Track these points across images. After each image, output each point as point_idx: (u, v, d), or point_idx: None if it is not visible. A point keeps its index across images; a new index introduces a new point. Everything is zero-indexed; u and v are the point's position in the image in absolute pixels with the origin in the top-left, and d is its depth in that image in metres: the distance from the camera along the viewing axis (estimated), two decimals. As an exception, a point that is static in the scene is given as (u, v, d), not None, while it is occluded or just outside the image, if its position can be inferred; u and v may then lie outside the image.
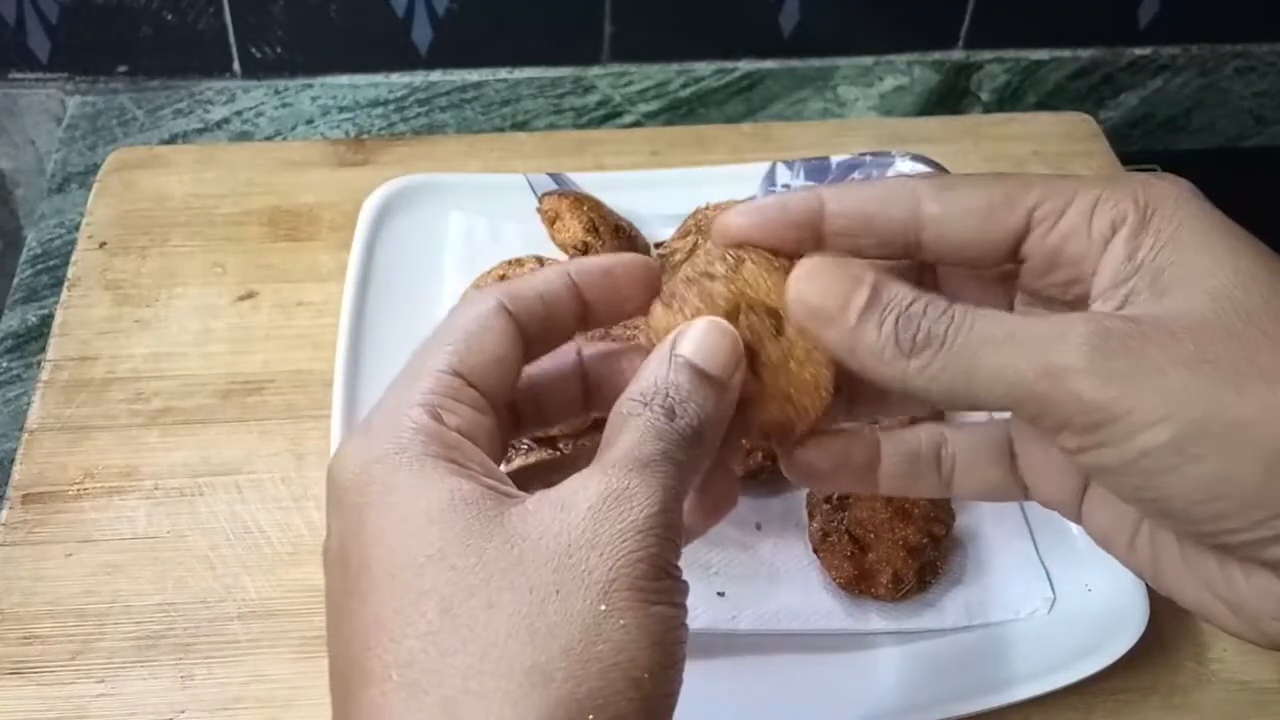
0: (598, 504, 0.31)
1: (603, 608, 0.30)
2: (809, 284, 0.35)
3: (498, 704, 0.29)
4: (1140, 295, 0.33)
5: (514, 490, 0.33)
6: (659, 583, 0.31)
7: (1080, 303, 0.36)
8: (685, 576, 0.37)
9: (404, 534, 0.31)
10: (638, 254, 0.39)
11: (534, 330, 0.37)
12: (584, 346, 0.40)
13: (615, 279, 0.38)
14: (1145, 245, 0.34)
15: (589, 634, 0.30)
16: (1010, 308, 0.39)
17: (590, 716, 0.29)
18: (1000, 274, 0.38)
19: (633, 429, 0.33)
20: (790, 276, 0.35)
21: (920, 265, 0.39)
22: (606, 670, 0.30)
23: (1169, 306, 0.33)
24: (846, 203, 0.37)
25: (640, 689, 0.30)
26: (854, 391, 0.40)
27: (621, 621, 0.30)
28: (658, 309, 0.37)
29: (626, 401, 0.34)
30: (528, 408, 0.39)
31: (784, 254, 0.36)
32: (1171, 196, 0.34)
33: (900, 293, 0.34)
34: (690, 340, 0.35)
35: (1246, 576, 0.34)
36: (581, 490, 0.32)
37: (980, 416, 0.43)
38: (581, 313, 0.38)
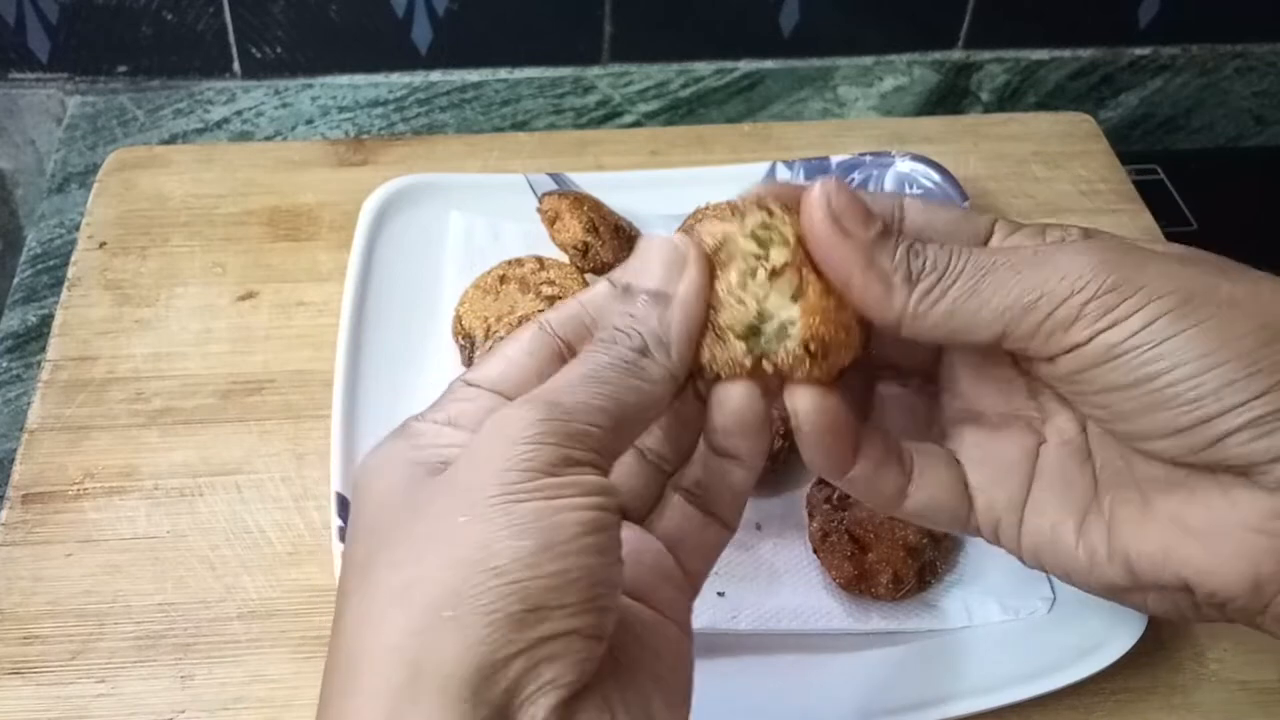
0: (482, 433, 0.33)
1: (461, 519, 0.31)
2: (837, 194, 0.36)
3: (369, 629, 0.31)
4: None
5: None
6: (531, 482, 0.31)
7: None
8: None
9: (358, 521, 0.34)
10: (665, 236, 0.39)
11: (580, 334, 0.37)
12: None
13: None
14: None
15: (449, 543, 0.31)
16: None
17: (447, 613, 0.30)
18: None
19: (575, 365, 0.35)
20: (810, 191, 0.36)
21: None
22: (461, 568, 0.30)
23: None
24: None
25: (502, 576, 0.30)
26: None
27: (480, 524, 0.31)
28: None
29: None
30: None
31: None
32: (1110, 232, 0.39)
33: (904, 233, 0.37)
34: (625, 265, 0.37)
35: (1224, 492, 0.35)
36: (485, 422, 0.33)
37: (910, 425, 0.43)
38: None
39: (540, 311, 0.61)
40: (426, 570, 0.31)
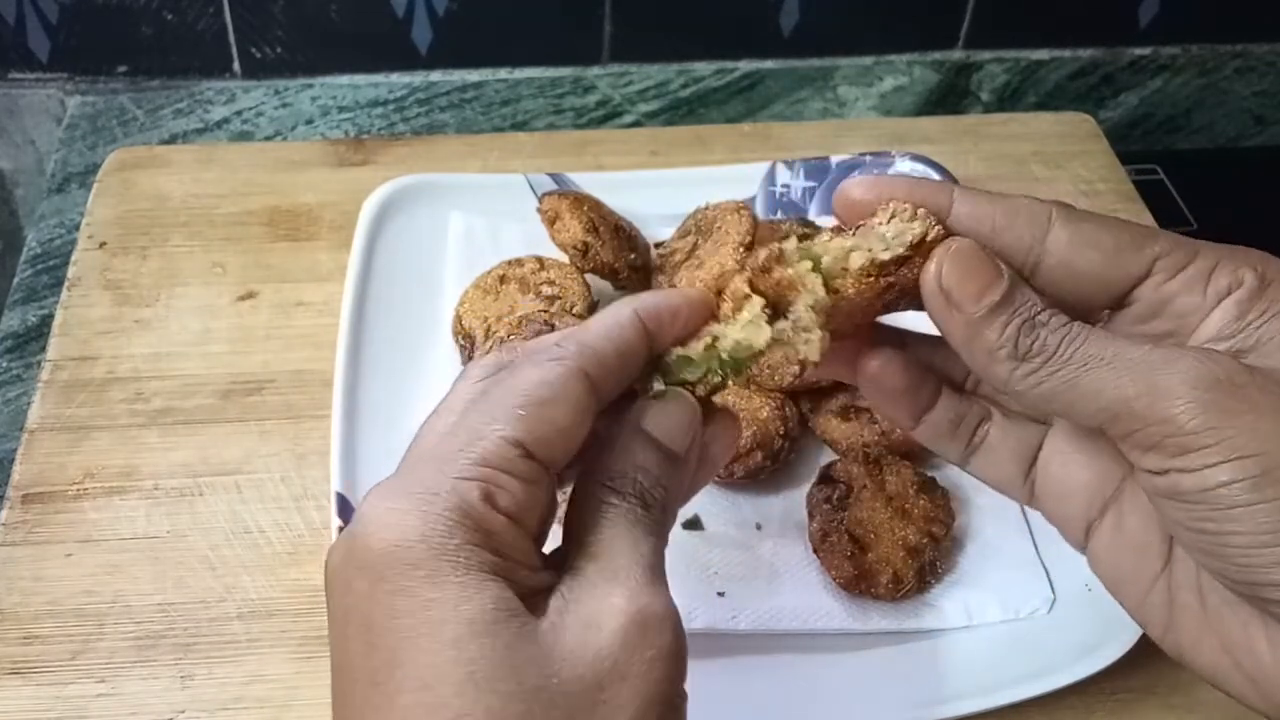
0: (626, 626, 0.31)
1: None
2: (951, 265, 0.35)
3: None
4: (1244, 352, 0.35)
5: (539, 578, 0.33)
6: (675, 712, 0.32)
7: None
8: (685, 576, 0.36)
9: (443, 643, 0.30)
10: (695, 290, 0.38)
11: (609, 386, 0.36)
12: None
13: (682, 320, 0.37)
14: (1256, 310, 0.35)
15: None
16: None
17: None
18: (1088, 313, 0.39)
19: (619, 525, 0.34)
20: (935, 252, 0.36)
21: None
22: None
23: (1273, 364, 0.34)
24: (976, 208, 0.37)
25: None
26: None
27: None
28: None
29: (598, 486, 0.34)
30: None
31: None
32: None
33: (1031, 300, 0.35)
34: (655, 414, 0.36)
35: (1270, 643, 0.34)
36: (605, 609, 0.32)
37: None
38: (648, 352, 0.37)
39: (542, 312, 0.61)
40: None
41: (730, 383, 0.36)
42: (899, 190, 0.37)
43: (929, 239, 0.36)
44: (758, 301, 0.36)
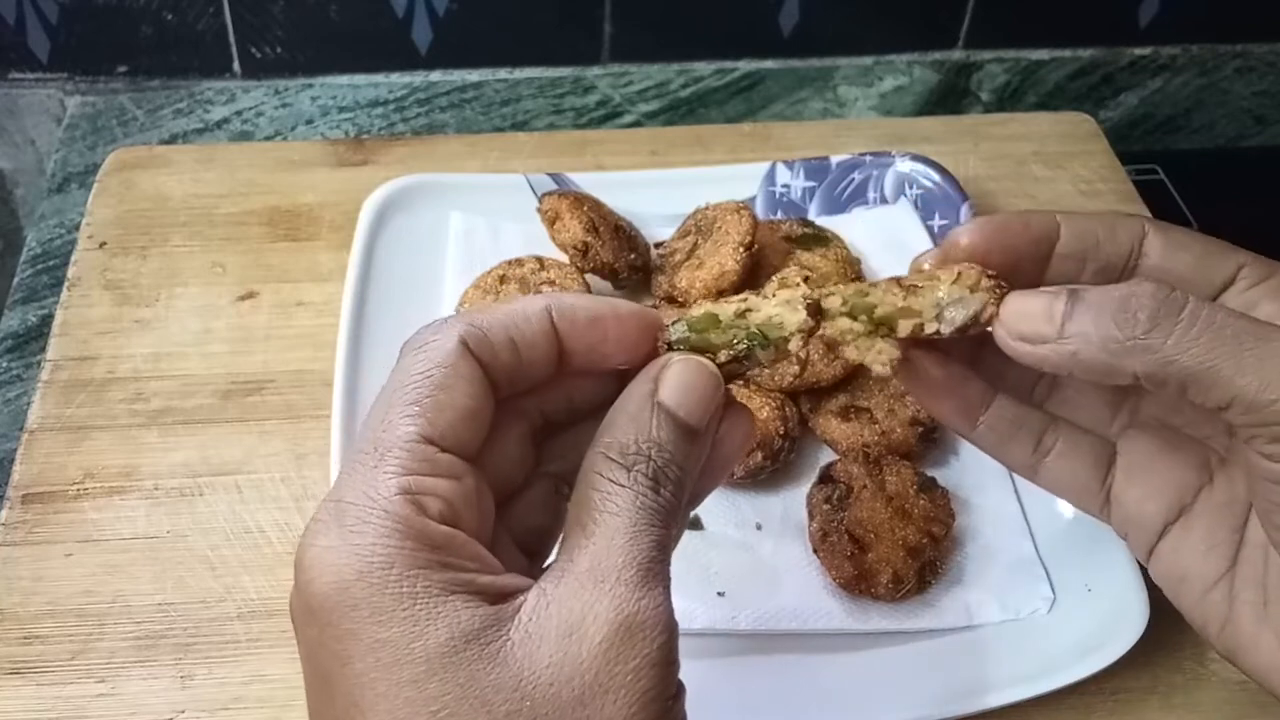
0: (610, 636, 0.29)
1: None
2: (1009, 312, 0.36)
3: None
4: None
5: (505, 579, 0.31)
6: (670, 713, 0.30)
7: None
8: (685, 576, 0.36)
9: (401, 685, 0.29)
10: (635, 305, 0.36)
11: (500, 376, 0.33)
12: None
13: (603, 329, 0.35)
14: None
15: None
16: None
17: None
18: None
19: (623, 512, 0.31)
20: (995, 320, 0.36)
21: None
22: None
23: None
24: (1081, 226, 0.38)
25: None
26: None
27: None
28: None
29: (605, 461, 0.32)
30: (559, 413, 0.37)
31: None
32: None
33: (1102, 292, 0.35)
34: (673, 384, 0.33)
35: None
36: (589, 617, 0.30)
37: (1097, 418, 0.43)
38: (557, 356, 0.35)
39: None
40: None
41: (756, 354, 0.36)
42: (1016, 227, 0.38)
43: (982, 320, 0.37)
44: (803, 290, 0.36)
